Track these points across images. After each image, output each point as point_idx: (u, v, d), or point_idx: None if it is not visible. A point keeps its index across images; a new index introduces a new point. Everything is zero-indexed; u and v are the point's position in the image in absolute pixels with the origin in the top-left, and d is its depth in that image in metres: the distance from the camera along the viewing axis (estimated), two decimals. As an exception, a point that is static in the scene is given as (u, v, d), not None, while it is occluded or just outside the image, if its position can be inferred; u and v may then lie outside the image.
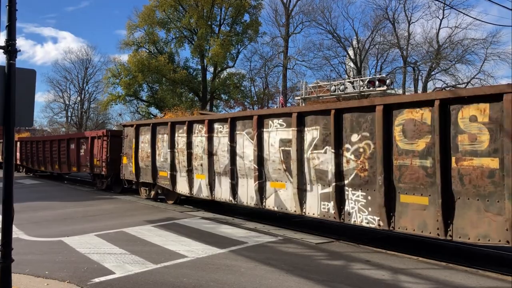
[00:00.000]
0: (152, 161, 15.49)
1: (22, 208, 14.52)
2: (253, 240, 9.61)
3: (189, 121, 14.07)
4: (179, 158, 14.29)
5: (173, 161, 14.54)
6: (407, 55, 45.84)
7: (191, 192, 13.83)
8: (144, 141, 16.17)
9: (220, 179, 12.72)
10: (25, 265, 7.75)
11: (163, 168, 15.07)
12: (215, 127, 12.94)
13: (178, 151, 14.35)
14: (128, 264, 7.76)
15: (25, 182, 24.53)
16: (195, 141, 13.67)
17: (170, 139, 14.57)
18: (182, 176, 14.28)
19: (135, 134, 16.57)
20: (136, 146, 16.51)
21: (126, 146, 17.37)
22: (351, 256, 8.43)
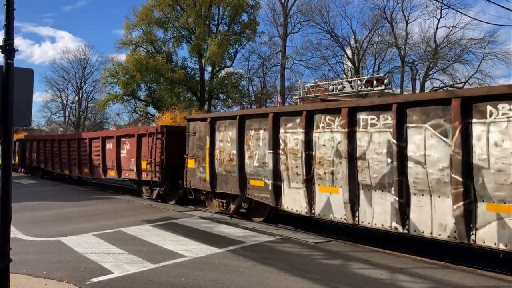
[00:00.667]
0: (239, 166, 12.00)
1: (19, 207, 14.50)
2: (251, 239, 9.61)
3: (309, 110, 10.37)
4: (288, 162, 10.65)
5: (277, 167, 10.95)
6: (405, 55, 45.96)
7: (311, 210, 10.12)
8: (224, 139, 12.71)
9: (370, 195, 8.96)
10: (23, 265, 7.73)
11: (258, 175, 11.53)
12: (361, 118, 9.20)
13: (286, 153, 10.74)
14: (126, 264, 7.76)
15: (23, 182, 24.47)
16: (319, 139, 9.98)
17: (271, 136, 11.04)
18: (293, 188, 10.60)
19: (209, 130, 13.13)
20: (212, 146, 13.05)
21: (194, 145, 13.96)
22: (349, 255, 8.44)
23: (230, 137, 12.47)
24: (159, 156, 15.42)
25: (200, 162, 13.61)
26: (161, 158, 15.35)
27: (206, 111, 44.33)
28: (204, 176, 13.34)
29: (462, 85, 43.10)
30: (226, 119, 12.89)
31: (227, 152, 12.55)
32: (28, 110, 5.39)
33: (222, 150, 12.78)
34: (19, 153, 31.34)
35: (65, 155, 23.21)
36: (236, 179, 12.10)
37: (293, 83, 50.97)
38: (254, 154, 11.71)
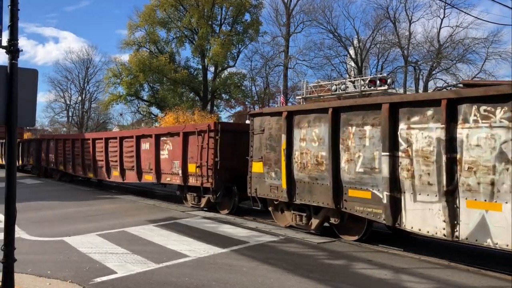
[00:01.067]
0: (333, 172, 9.58)
1: (23, 207, 14.51)
2: (254, 239, 9.61)
3: (451, 99, 7.77)
4: (413, 168, 8.20)
5: (394, 174, 8.48)
6: (408, 55, 45.84)
7: (452, 232, 7.57)
8: (308, 137, 10.35)
9: None
10: (27, 265, 7.75)
11: (362, 184, 9.10)
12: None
13: (410, 156, 8.29)
14: (130, 264, 7.77)
15: (27, 182, 24.53)
16: (468, 136, 7.47)
17: (387, 133, 8.59)
18: (420, 202, 8.08)
19: (285, 126, 10.79)
20: (289, 146, 10.68)
21: (262, 146, 11.58)
22: (352, 255, 8.44)
23: (316, 135, 10.12)
24: (212, 158, 13.19)
25: (271, 166, 11.24)
26: (214, 160, 13.13)
27: (209, 111, 44.34)
28: (278, 183, 10.99)
29: (465, 85, 42.90)
30: (310, 113, 10.41)
31: (313, 154, 10.17)
32: (32, 110, 5.40)
33: (305, 152, 10.34)
34: (34, 153, 28.94)
35: (89, 156, 20.59)
36: (327, 188, 9.69)
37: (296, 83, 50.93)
38: (356, 157, 9.25)
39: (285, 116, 10.79)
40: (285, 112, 10.91)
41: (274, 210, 11.56)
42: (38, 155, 28.20)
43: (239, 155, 12.64)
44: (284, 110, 11.05)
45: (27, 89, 5.29)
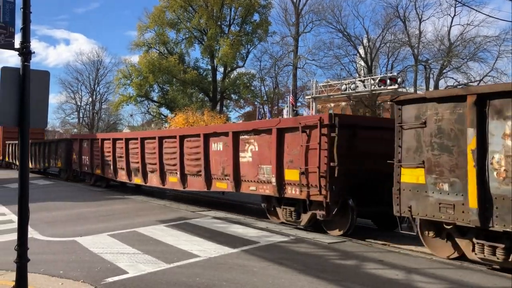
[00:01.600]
0: None
1: (35, 208, 14.62)
2: (265, 239, 9.61)
3: None
4: None
5: None
6: (418, 53, 45.58)
7: None
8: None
9: None
10: (40, 265, 7.81)
11: None
12: None
13: None
14: (141, 264, 7.80)
15: (39, 183, 24.71)
16: None
17: None
18: None
19: (475, 117, 7.47)
20: (481, 146, 7.43)
21: (424, 145, 8.33)
22: (363, 255, 8.40)
23: None
24: (326, 163, 9.95)
25: (442, 174, 7.96)
26: (328, 165, 9.90)
27: (218, 112, 44.43)
28: (456, 199, 7.72)
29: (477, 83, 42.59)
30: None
31: None
32: (45, 112, 5.46)
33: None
34: (63, 155, 25.59)
35: (136, 158, 17.32)
36: None
37: (305, 82, 50.94)
38: None
39: (474, 101, 7.46)
40: (472, 96, 7.54)
41: (436, 236, 8.31)
42: (68, 157, 25.01)
43: (357, 157, 10.26)
44: (471, 93, 7.66)
45: (39, 90, 5.35)
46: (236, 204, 15.88)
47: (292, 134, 11.00)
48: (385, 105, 49.44)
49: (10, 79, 5.13)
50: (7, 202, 16.09)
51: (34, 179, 26.66)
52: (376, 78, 29.51)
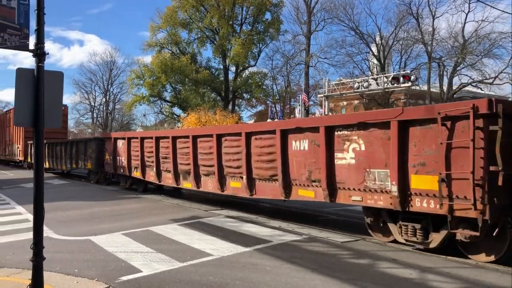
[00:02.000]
0: None
1: (51, 207, 14.80)
2: (277, 238, 9.60)
3: None
4: None
5: None
6: (431, 51, 45.12)
7: None
8: None
9: None
10: (55, 263, 7.91)
11: None
12: None
13: None
14: (155, 263, 7.85)
15: (53, 182, 25.00)
16: None
17: None
18: None
19: None
20: None
21: None
22: (377, 254, 8.35)
23: None
24: (483, 166, 7.47)
25: None
26: (487, 170, 7.43)
27: (230, 111, 44.50)
28: None
29: (492, 80, 42.08)
30: None
31: None
32: (59, 112, 5.51)
33: None
34: (94, 155, 23.46)
35: (186, 160, 15.01)
36: None
37: (318, 81, 50.75)
38: None
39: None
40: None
41: None
42: (100, 157, 22.80)
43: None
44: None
45: (53, 91, 5.40)
46: (249, 203, 15.88)
47: (422, 128, 8.39)
48: (398, 103, 49.07)
49: (24, 80, 5.20)
50: (24, 201, 16.31)
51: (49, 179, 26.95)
52: (389, 76, 29.28)
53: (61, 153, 28.15)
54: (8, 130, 42.28)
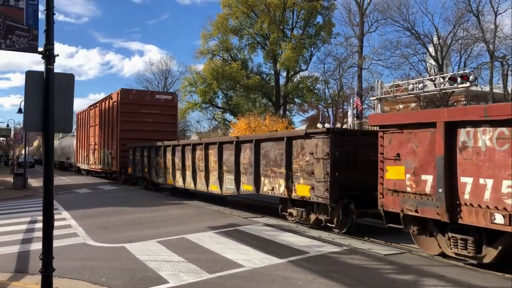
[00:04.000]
0: None
1: (96, 213, 15.07)
2: (315, 250, 8.99)
3: None
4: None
5: None
6: (494, 49, 42.39)
7: None
8: None
9: None
10: (86, 271, 7.85)
11: None
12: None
13: None
14: (183, 273, 7.54)
15: (105, 188, 25.59)
16: None
17: None
18: None
19: None
20: None
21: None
22: (423, 270, 7.55)
23: None
24: None
25: None
26: None
27: (281, 116, 44.03)
28: None
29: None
30: None
31: None
32: (69, 116, 5.29)
33: None
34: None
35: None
36: None
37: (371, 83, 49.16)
38: None
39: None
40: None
41: None
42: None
43: None
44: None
45: (64, 94, 5.18)
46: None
47: None
48: (459, 105, 46.59)
49: (34, 83, 5.02)
50: (72, 207, 16.70)
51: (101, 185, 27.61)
52: (446, 76, 27.68)
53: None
54: (93, 131, 33.05)
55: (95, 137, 32.55)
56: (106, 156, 29.24)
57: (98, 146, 31.55)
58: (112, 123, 28.34)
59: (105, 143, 29.56)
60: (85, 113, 36.17)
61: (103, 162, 29.96)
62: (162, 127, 27.14)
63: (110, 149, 28.45)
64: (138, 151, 23.73)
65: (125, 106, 27.02)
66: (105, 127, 29.75)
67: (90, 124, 34.31)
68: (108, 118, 29.20)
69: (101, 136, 30.57)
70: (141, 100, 27.64)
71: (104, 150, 29.87)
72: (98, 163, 31.48)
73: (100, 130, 31.05)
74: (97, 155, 31.62)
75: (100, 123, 31.08)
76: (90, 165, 34.05)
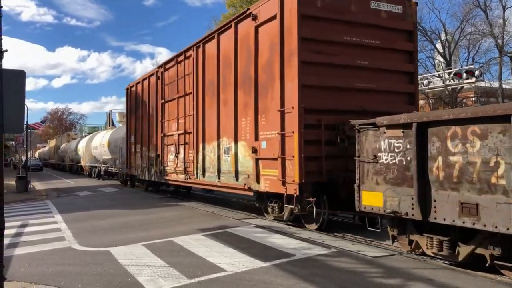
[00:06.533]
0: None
1: (87, 216, 14.84)
2: (302, 252, 8.63)
3: None
4: None
5: None
6: (503, 44, 41.56)
7: None
8: None
9: None
10: (64, 277, 7.63)
11: None
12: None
13: None
14: (161, 278, 7.25)
15: (105, 190, 25.45)
16: None
17: None
18: None
19: None
20: None
21: None
22: (411, 273, 7.14)
23: None
24: None
25: None
26: None
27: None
28: None
29: None
30: None
31: None
32: (21, 115, 4.99)
33: None
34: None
35: None
36: None
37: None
38: None
39: None
40: None
41: None
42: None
43: None
44: None
45: (14, 92, 4.89)
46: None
47: None
48: (468, 102, 45.72)
49: (-20, 80, 4.72)
50: (66, 210, 16.52)
51: (102, 187, 27.35)
52: (451, 71, 27.09)
53: None
54: (182, 106, 16.95)
55: (190, 119, 15.98)
56: (234, 156, 13.00)
57: (198, 135, 15.43)
58: (261, 77, 11.98)
59: (235, 128, 13.01)
60: (151, 81, 20.72)
61: (227, 170, 13.56)
62: (386, 82, 11.72)
63: (251, 138, 12.19)
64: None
65: (309, 23, 10.76)
66: (234, 91, 13.14)
67: (167, 97, 18.60)
68: (244, 66, 12.76)
69: (219, 113, 14.05)
70: (341, 10, 11.20)
71: (222, 141, 13.85)
72: (201, 169, 15.19)
73: (208, 100, 14.86)
74: (196, 156, 15.46)
75: (217, 83, 14.21)
76: (169, 174, 18.39)
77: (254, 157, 11.89)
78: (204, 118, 15.11)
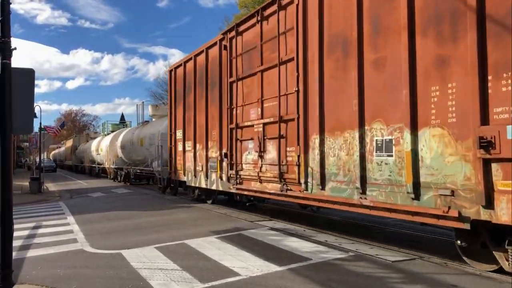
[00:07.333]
0: None
1: (100, 218, 14.73)
2: (318, 256, 8.38)
3: None
4: None
5: None
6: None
7: None
8: None
9: None
10: (75, 280, 7.47)
11: None
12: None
13: None
14: (174, 282, 7.05)
15: (118, 191, 25.41)
16: None
17: None
18: None
19: None
20: None
21: None
22: (433, 278, 6.86)
23: None
24: None
25: None
26: None
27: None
28: None
29: None
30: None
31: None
32: (29, 115, 4.84)
33: None
34: None
35: None
36: None
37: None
38: None
39: None
40: None
41: None
42: None
43: None
44: None
45: (23, 91, 4.74)
46: (303, 213, 14.68)
47: None
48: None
49: (-12, 79, 4.57)
50: (78, 211, 16.45)
51: (115, 188, 27.35)
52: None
53: None
54: (276, 78, 11.75)
55: (291, 100, 11.27)
56: (409, 155, 7.71)
57: (307, 123, 10.66)
58: None
59: (412, 103, 7.68)
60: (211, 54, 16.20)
61: (387, 180, 8.26)
62: None
63: (464, 120, 6.82)
64: None
65: None
66: (410, 37, 7.78)
67: (240, 74, 13.86)
68: None
69: (362, 82, 8.90)
70: None
71: (373, 130, 8.59)
72: (317, 175, 10.20)
73: (331, 65, 9.88)
74: (305, 155, 10.63)
75: (358, 35, 9.01)
76: (246, 182, 13.53)
77: (482, 157, 6.45)
78: (323, 95, 10.02)
